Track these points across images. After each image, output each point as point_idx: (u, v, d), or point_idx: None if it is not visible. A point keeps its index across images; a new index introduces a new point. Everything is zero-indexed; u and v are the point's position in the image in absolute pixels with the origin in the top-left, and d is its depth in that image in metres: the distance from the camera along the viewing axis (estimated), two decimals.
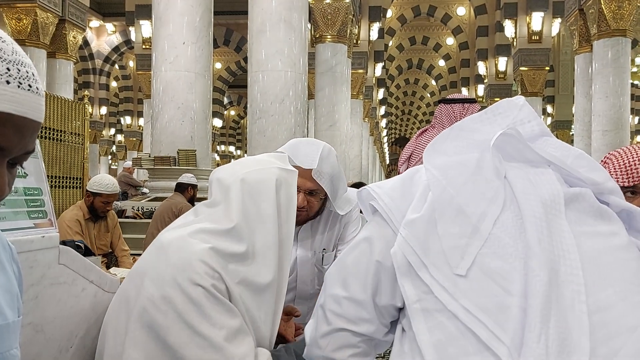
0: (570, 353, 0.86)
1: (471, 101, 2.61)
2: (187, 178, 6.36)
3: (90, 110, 20.68)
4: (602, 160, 1.66)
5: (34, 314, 1.30)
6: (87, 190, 4.38)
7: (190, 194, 6.31)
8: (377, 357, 1.41)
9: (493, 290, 0.92)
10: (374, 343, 1.12)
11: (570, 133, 17.63)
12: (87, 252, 3.05)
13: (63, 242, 2.98)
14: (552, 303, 0.88)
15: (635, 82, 17.10)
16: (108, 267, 4.30)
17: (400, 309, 1.06)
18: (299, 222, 1.88)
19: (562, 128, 19.89)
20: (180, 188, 6.32)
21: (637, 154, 1.55)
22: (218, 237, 1.36)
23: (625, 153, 1.58)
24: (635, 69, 15.80)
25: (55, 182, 6.07)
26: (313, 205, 1.84)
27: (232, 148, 34.88)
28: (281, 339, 1.61)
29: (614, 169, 1.57)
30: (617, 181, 1.55)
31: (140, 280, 1.35)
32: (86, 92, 7.09)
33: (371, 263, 1.06)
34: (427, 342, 0.93)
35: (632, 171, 1.53)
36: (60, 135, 6.18)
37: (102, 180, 4.36)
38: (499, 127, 1.08)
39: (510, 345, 0.87)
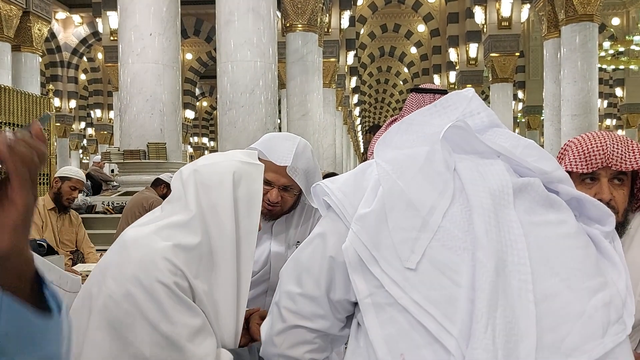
0: (517, 342, 0.87)
1: (442, 92, 2.59)
2: (166, 176, 6.31)
3: (58, 104, 20.48)
4: (562, 148, 1.67)
5: None
6: (55, 177, 4.46)
7: (162, 192, 6.25)
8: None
9: (442, 283, 0.92)
10: (330, 339, 1.12)
11: (541, 118, 17.85)
12: (49, 251, 3.02)
13: None
14: (499, 293, 0.89)
15: (603, 66, 17.35)
16: (74, 264, 4.29)
17: (356, 304, 1.05)
18: (273, 217, 1.89)
19: (533, 113, 20.14)
20: (156, 183, 6.24)
21: (595, 140, 1.56)
22: (178, 231, 1.35)
23: (584, 140, 1.59)
24: (602, 54, 16.04)
25: None
26: (287, 200, 1.85)
27: (205, 139, 34.64)
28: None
29: (573, 155, 1.57)
30: (577, 168, 1.55)
31: (103, 276, 1.33)
32: (51, 86, 6.96)
33: (325, 259, 1.06)
34: (378, 336, 0.94)
35: (591, 158, 1.54)
36: None
37: (71, 168, 4.62)
38: (449, 120, 1.08)
39: (459, 336, 0.88)
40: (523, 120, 20.92)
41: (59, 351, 0.67)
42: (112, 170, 12.27)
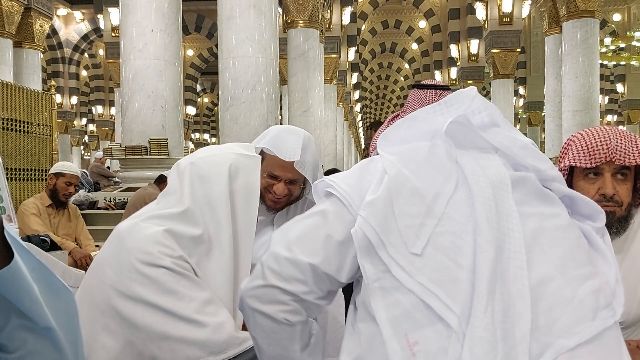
0: (513, 323, 0.93)
1: (444, 88, 2.56)
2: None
3: (59, 100, 20.48)
4: (565, 142, 1.65)
5: None
6: (49, 174, 4.51)
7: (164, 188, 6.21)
8: None
9: (446, 265, 0.97)
10: (306, 305, 1.12)
11: (542, 114, 17.85)
12: (52, 247, 3.03)
13: (28, 238, 2.97)
14: (497, 277, 0.95)
15: (604, 62, 17.33)
16: None
17: (349, 288, 1.10)
18: (279, 209, 1.88)
19: (534, 109, 20.12)
20: (160, 180, 6.23)
21: (599, 135, 1.55)
22: (171, 220, 1.38)
23: (587, 135, 1.58)
24: (603, 50, 16.02)
25: (23, 174, 5.98)
26: (294, 192, 1.84)
27: (206, 136, 34.64)
28: None
29: (577, 150, 1.57)
30: (580, 162, 1.55)
31: (101, 269, 1.37)
32: (53, 82, 6.97)
33: (321, 233, 1.08)
34: (384, 319, 0.97)
35: (594, 152, 1.53)
36: (27, 127, 6.08)
37: (65, 164, 4.67)
38: (451, 118, 1.12)
39: (460, 314, 0.94)
40: (524, 116, 20.89)
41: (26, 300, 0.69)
42: (108, 168, 12.29)
